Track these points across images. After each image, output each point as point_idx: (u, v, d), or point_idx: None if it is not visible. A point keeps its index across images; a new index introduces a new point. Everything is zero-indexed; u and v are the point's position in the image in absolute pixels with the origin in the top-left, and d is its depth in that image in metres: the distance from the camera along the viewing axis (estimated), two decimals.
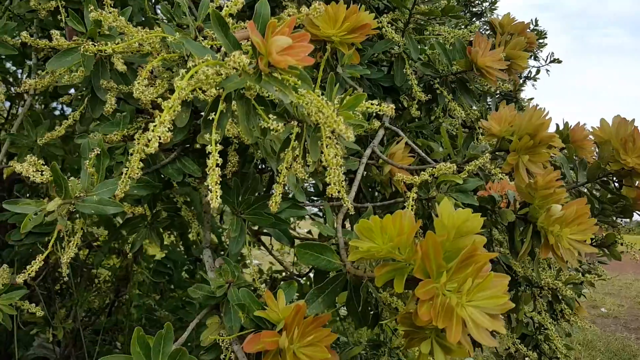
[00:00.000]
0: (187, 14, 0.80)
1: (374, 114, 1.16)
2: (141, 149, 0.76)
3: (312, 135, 0.72)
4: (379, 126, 1.12)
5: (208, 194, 0.58)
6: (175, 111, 0.55)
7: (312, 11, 0.81)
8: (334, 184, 0.70)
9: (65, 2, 0.97)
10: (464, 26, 1.44)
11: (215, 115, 0.60)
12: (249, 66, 0.56)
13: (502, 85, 1.29)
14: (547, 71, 3.38)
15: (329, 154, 0.70)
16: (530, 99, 1.95)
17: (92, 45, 0.72)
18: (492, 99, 1.46)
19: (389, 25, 1.13)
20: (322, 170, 0.98)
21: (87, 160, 0.75)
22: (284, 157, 0.73)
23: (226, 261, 0.85)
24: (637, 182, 1.06)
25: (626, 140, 1.01)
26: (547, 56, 3.36)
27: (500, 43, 1.26)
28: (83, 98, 0.92)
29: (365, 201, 1.20)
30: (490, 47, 1.15)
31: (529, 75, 3.26)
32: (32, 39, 0.76)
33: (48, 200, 0.72)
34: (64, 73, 0.81)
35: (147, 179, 0.80)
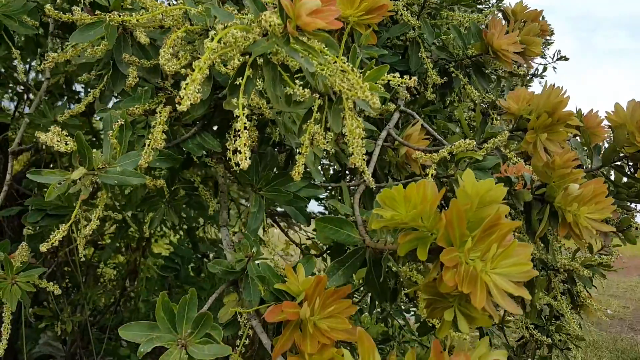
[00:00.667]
0: None
1: (388, 98, 1.16)
2: (163, 121, 0.77)
3: (334, 107, 0.73)
4: (394, 109, 1.12)
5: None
6: (204, 74, 0.56)
7: None
8: (356, 154, 0.70)
9: None
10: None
11: (242, 79, 0.60)
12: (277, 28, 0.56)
13: (516, 69, 1.29)
14: (554, 68, 3.38)
15: (352, 125, 0.70)
16: None
17: (117, 15, 0.72)
18: (506, 83, 1.46)
19: (404, 9, 1.14)
20: (341, 147, 0.99)
21: (109, 131, 0.76)
22: (305, 128, 0.73)
23: (245, 236, 0.85)
24: None
25: None
26: (554, 53, 3.35)
27: (513, 30, 1.26)
28: (103, 76, 0.93)
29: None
30: (504, 32, 1.16)
31: (535, 73, 3.26)
32: (55, 11, 0.76)
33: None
34: (86, 47, 0.82)
35: (169, 152, 0.81)
